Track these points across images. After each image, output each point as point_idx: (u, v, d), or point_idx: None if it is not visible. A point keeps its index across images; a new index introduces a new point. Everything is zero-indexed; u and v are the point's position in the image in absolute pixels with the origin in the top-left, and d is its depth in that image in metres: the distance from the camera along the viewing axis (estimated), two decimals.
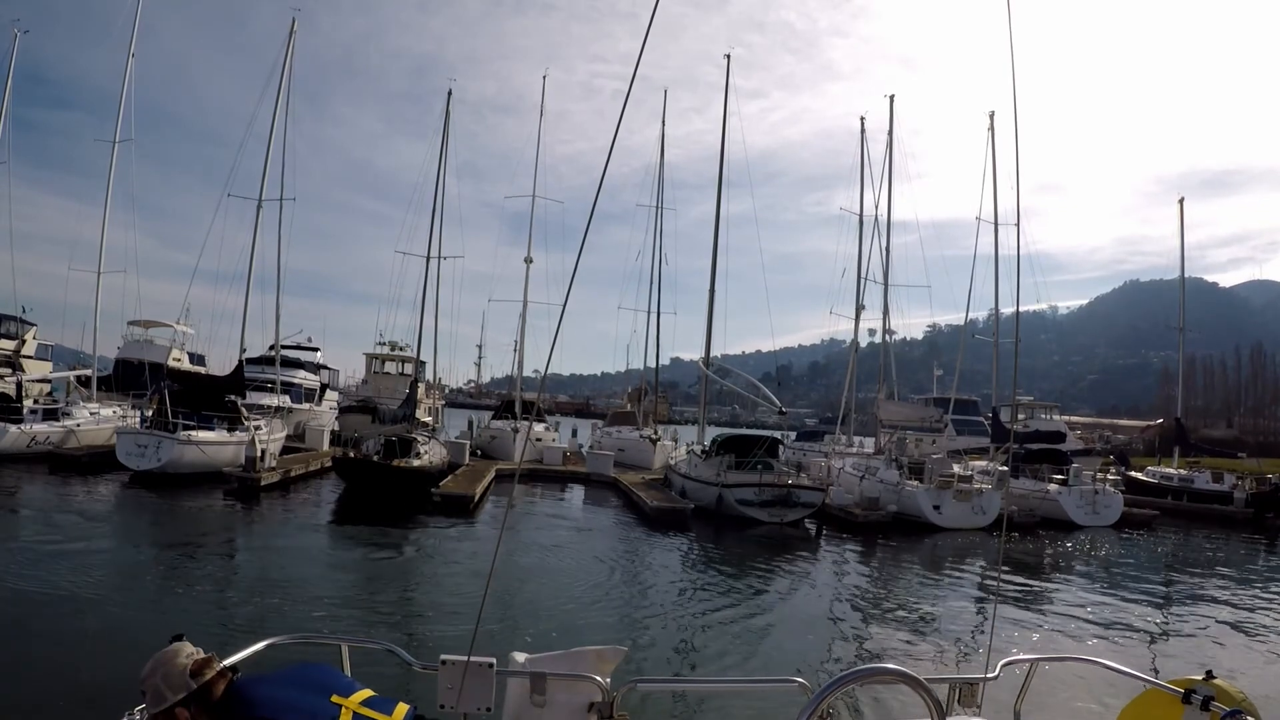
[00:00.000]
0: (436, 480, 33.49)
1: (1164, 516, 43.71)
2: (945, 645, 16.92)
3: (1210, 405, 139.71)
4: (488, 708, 4.11)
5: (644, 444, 52.77)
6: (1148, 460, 61.17)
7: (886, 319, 52.83)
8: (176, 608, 15.68)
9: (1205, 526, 42.74)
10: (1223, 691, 4.20)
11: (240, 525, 26.54)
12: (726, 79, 49.96)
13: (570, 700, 4.22)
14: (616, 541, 27.50)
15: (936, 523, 34.29)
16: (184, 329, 56.16)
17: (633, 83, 3.54)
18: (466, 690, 4.04)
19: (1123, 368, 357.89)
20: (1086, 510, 38.73)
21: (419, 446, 35.53)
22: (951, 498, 34.89)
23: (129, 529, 24.64)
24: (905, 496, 35.41)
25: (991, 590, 22.93)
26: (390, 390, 50.58)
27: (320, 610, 15.96)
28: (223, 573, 19.68)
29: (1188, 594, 24.59)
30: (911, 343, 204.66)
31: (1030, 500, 38.40)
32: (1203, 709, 4.14)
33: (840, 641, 17.01)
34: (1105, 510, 39.24)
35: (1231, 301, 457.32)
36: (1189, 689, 4.28)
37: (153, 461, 32.22)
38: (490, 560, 22.96)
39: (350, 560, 22.54)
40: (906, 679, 2.93)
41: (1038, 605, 21.37)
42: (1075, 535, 35.71)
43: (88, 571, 17.70)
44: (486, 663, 4.13)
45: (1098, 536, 35.74)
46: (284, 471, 34.48)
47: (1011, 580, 24.78)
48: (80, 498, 28.52)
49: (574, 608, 17.62)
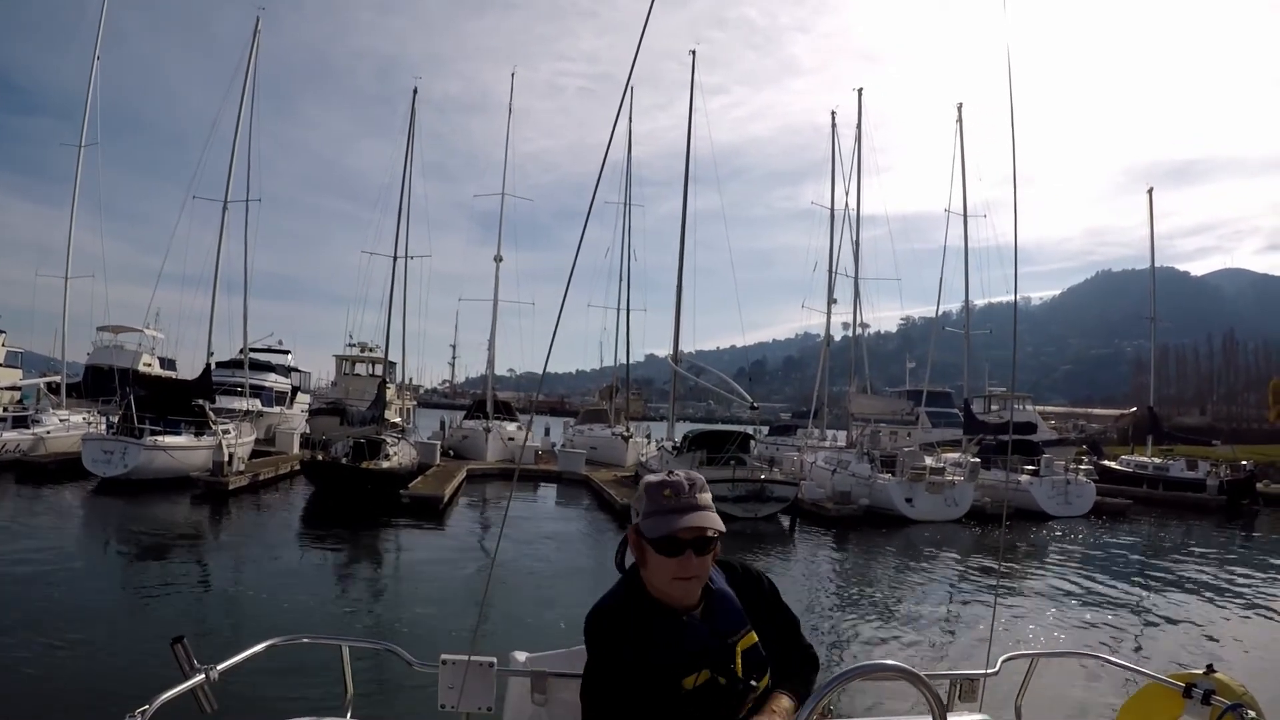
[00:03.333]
0: (406, 482, 33.14)
1: (1138, 505, 43.64)
2: (934, 639, 16.90)
3: (1183, 393, 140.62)
4: (489, 707, 4.02)
5: (616, 441, 52.36)
6: (1122, 449, 61.27)
7: (858, 312, 52.77)
8: (147, 617, 15.48)
9: (1180, 515, 42.76)
10: (1224, 685, 4.15)
11: (207, 531, 26.31)
12: (692, 75, 50.11)
13: (572, 699, 3.82)
14: (589, 541, 27.38)
15: (909, 515, 34.18)
16: (153, 334, 55.58)
17: (630, 85, 3.50)
18: (467, 690, 3.94)
19: (1095, 357, 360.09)
20: (1058, 500, 38.63)
21: (388, 448, 35.20)
22: (924, 490, 34.76)
23: (92, 537, 24.54)
24: (877, 490, 35.22)
25: (989, 585, 22.70)
26: (360, 392, 50.14)
27: (283, 619, 15.66)
28: (188, 580, 19.42)
29: (1162, 584, 24.45)
30: (885, 336, 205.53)
31: (1001, 491, 38.26)
32: (1204, 703, 4.07)
33: (832, 637, 16.90)
34: (1077, 500, 39.17)
35: (1203, 290, 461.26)
36: (1190, 683, 4.21)
37: (119, 468, 31.79)
38: (489, 561, 22.96)
39: (313, 565, 22.34)
40: (907, 675, 2.81)
41: (1011, 599, 21.19)
42: (1047, 526, 35.67)
43: (52, 580, 17.41)
44: (487, 662, 4.03)
45: (1070, 527, 35.70)
46: (252, 475, 34.16)
47: (980, 571, 24.77)
48: (45, 506, 28.36)
49: (539, 610, 17.40)
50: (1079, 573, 25.50)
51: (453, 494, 33.73)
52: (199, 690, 3.28)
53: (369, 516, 28.38)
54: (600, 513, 33.80)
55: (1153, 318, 58.32)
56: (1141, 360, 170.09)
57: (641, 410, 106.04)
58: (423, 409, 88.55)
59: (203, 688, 3.29)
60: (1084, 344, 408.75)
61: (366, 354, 58.32)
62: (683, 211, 48.91)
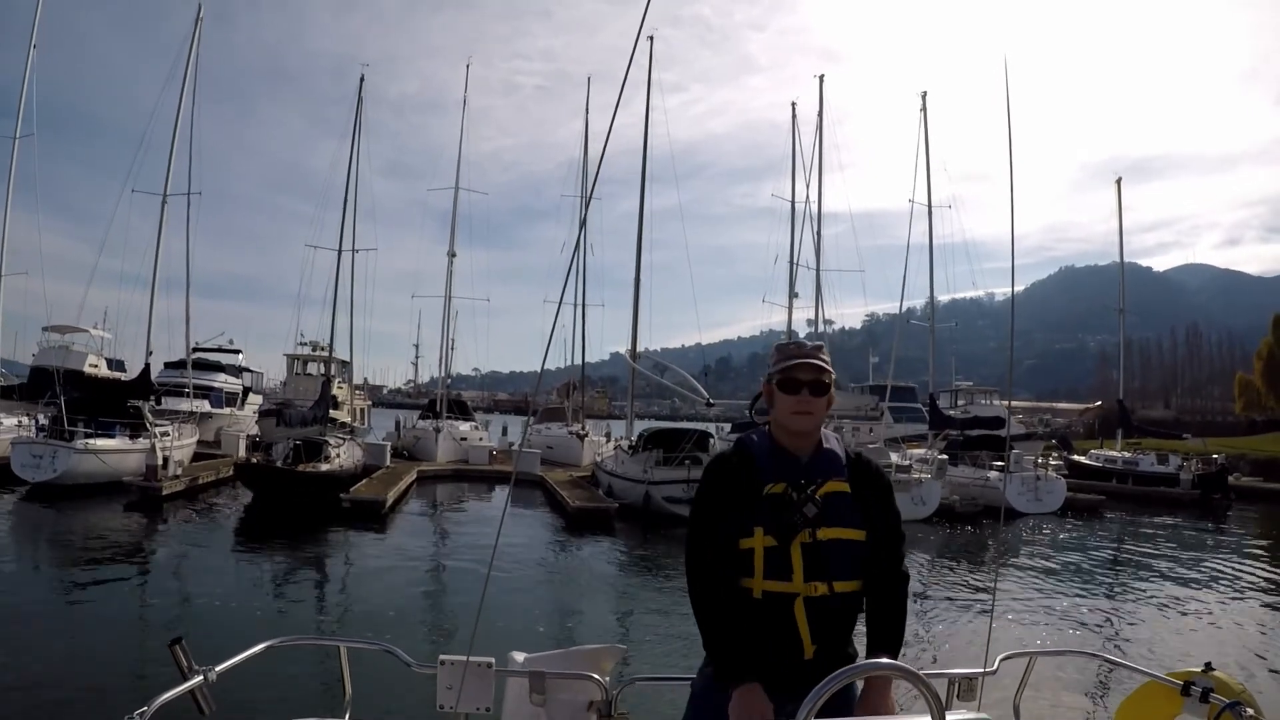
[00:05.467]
0: (348, 485, 31.43)
1: (1109, 500, 42.69)
2: (925, 642, 16.42)
3: (1148, 386, 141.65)
4: (487, 707, 3.96)
5: (572, 440, 51.09)
6: (1090, 443, 60.83)
7: (820, 306, 51.69)
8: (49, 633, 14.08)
9: (1152, 510, 41.72)
10: (1222, 683, 4.04)
11: (130, 539, 24.57)
12: (650, 61, 48.80)
13: (570, 699, 4.13)
14: (535, 548, 26.02)
15: None
16: (101, 334, 54.00)
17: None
18: (466, 690, 3.87)
19: (1060, 352, 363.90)
20: (1029, 497, 37.38)
21: (329, 449, 33.79)
22: None
23: (14, 546, 23.04)
24: None
25: (980, 586, 22.12)
26: (311, 392, 48.80)
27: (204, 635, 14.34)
28: (102, 593, 18.03)
29: (1143, 580, 23.70)
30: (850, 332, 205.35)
31: (970, 489, 37.17)
32: (1202, 700, 3.98)
33: None
34: (1048, 496, 37.96)
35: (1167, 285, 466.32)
36: (1188, 681, 4.12)
37: (48, 473, 30.14)
38: (488, 561, 22.62)
39: (242, 574, 20.92)
40: (905, 674, 2.73)
41: (986, 601, 20.06)
42: (1017, 524, 34.59)
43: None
44: (485, 662, 3.97)
45: (1041, 524, 34.62)
46: (190, 480, 32.59)
47: (957, 573, 23.72)
48: None
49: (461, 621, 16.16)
50: (1055, 571, 24.65)
51: (399, 497, 32.39)
52: (197, 691, 3.26)
53: (305, 523, 26.99)
54: (551, 514, 32.54)
55: (1121, 309, 57.74)
56: (1106, 354, 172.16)
57: (607, 408, 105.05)
58: (384, 409, 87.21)
59: (201, 689, 3.27)
60: (1048, 338, 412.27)
61: (318, 353, 56.75)
62: (640, 199, 47.99)
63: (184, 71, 41.83)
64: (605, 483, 37.55)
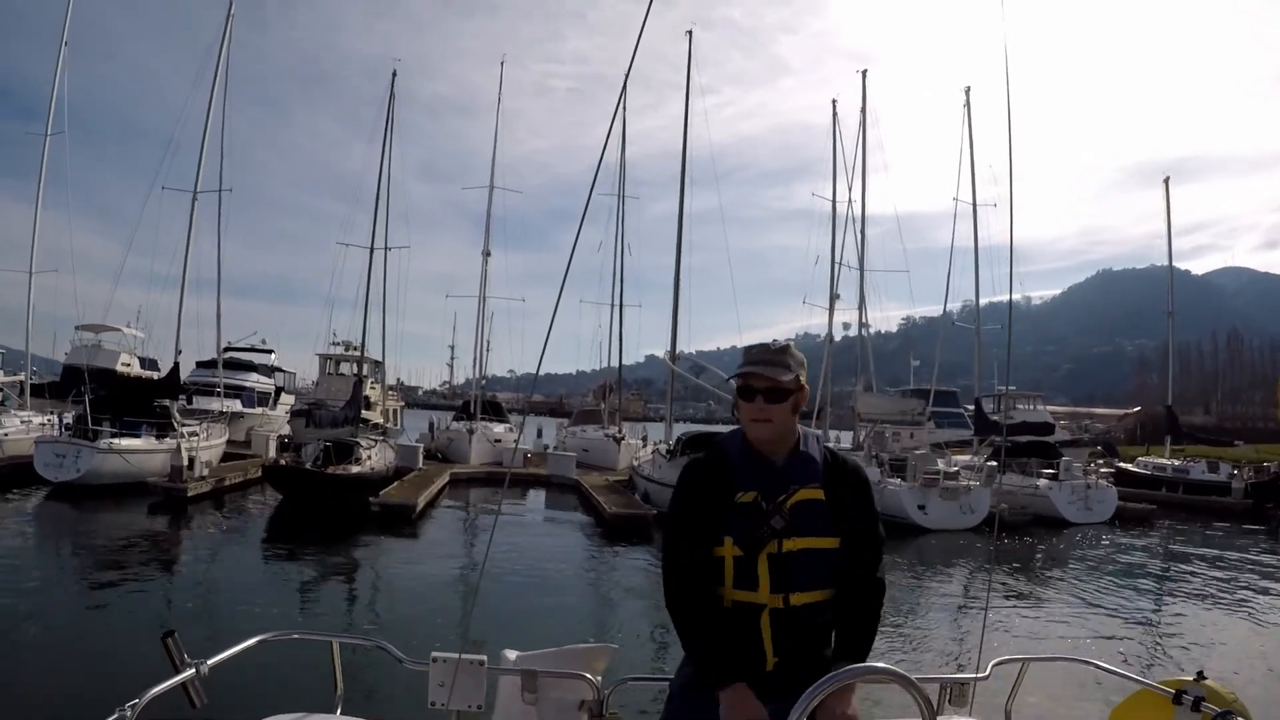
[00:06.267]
0: (378, 487, 30.58)
1: (1160, 510, 41.31)
2: (936, 645, 16.38)
3: (1187, 392, 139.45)
4: (478, 705, 4.04)
5: (609, 443, 50.23)
6: (1135, 450, 59.44)
7: (863, 306, 50.55)
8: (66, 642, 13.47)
9: (1203, 519, 40.36)
10: (1214, 692, 4.03)
11: (144, 542, 23.70)
12: (689, 58, 48.04)
13: (562, 698, 4.15)
14: (571, 553, 25.22)
15: (922, 524, 31.51)
16: (134, 333, 53.77)
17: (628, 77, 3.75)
18: (458, 688, 3.93)
19: (1097, 356, 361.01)
20: (1079, 506, 36.22)
21: (361, 451, 32.98)
22: (937, 496, 32.23)
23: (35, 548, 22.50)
24: (887, 495, 32.05)
25: (982, 590, 22.02)
26: (344, 392, 48.21)
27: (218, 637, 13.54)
28: (119, 597, 17.31)
29: (1207, 599, 22.26)
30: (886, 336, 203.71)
31: (1020, 497, 35.99)
32: (1193, 709, 3.97)
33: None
34: (1099, 506, 36.77)
35: (1205, 288, 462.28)
36: (1180, 690, 4.11)
37: (71, 472, 29.43)
38: (480, 563, 22.38)
39: (265, 580, 20.19)
40: (897, 678, 2.62)
41: (1035, 614, 19.23)
42: (1069, 534, 33.36)
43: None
44: (478, 660, 4.03)
45: (1093, 534, 33.39)
46: (216, 481, 31.86)
47: (1007, 587, 22.51)
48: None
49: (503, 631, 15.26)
50: (1110, 585, 23.43)
51: (430, 500, 31.54)
52: (189, 685, 3.25)
53: (335, 526, 26.25)
54: (587, 518, 31.63)
55: (1170, 312, 56.53)
56: (1145, 359, 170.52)
57: (641, 411, 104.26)
58: (418, 410, 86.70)
59: (193, 682, 3.26)
60: (1085, 343, 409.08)
61: (350, 353, 56.13)
62: (680, 197, 47.04)
63: (215, 68, 41.71)
64: (642, 488, 36.59)
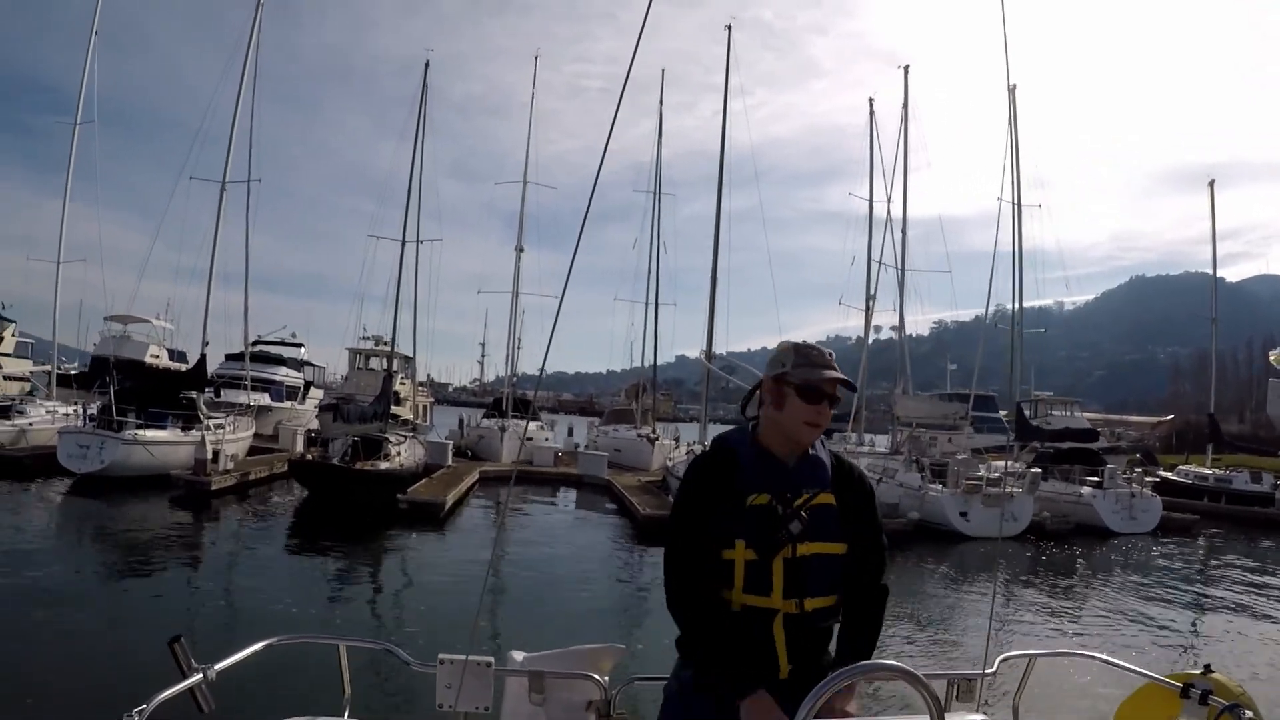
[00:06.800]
0: (406, 485, 29.98)
1: (1202, 520, 40.02)
2: (943, 640, 16.65)
3: (1222, 400, 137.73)
4: (486, 707, 3.85)
5: (641, 443, 49.52)
6: (1172, 458, 58.39)
7: (902, 307, 49.63)
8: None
9: (1247, 531, 39.30)
10: (1221, 685, 3.87)
11: (163, 536, 23.19)
12: (728, 53, 47.24)
13: (569, 699, 4.03)
14: (604, 554, 24.69)
15: (964, 531, 30.49)
16: (163, 324, 53.77)
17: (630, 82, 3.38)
18: (465, 689, 3.75)
19: (1129, 363, 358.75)
20: (1123, 515, 35.13)
21: (390, 447, 32.33)
22: (979, 503, 31.20)
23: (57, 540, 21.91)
24: (929, 502, 31.42)
25: (988, 585, 22.31)
26: (374, 387, 47.73)
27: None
28: (130, 593, 17.05)
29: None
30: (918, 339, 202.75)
31: (1061, 504, 35.03)
32: (1201, 703, 3.80)
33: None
34: (1143, 515, 35.66)
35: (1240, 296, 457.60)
36: (1187, 683, 3.94)
37: (95, 463, 29.03)
38: (487, 563, 21.59)
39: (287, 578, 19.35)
40: (905, 675, 2.55)
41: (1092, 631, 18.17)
42: (1112, 544, 32.36)
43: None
44: (485, 662, 3.85)
45: (1137, 545, 32.31)
46: (240, 475, 31.31)
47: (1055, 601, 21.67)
48: (10, 504, 25.71)
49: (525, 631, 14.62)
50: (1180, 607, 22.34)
51: (459, 499, 30.89)
52: (196, 690, 3.17)
53: (361, 523, 25.64)
54: (620, 520, 30.94)
55: (1214, 318, 55.46)
56: (1179, 366, 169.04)
57: (671, 411, 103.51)
58: (448, 406, 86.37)
59: (200, 687, 3.18)
60: (1117, 349, 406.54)
61: (380, 348, 55.65)
62: (718, 188, 46.31)
63: (244, 58, 41.23)
64: (675, 488, 35.57)
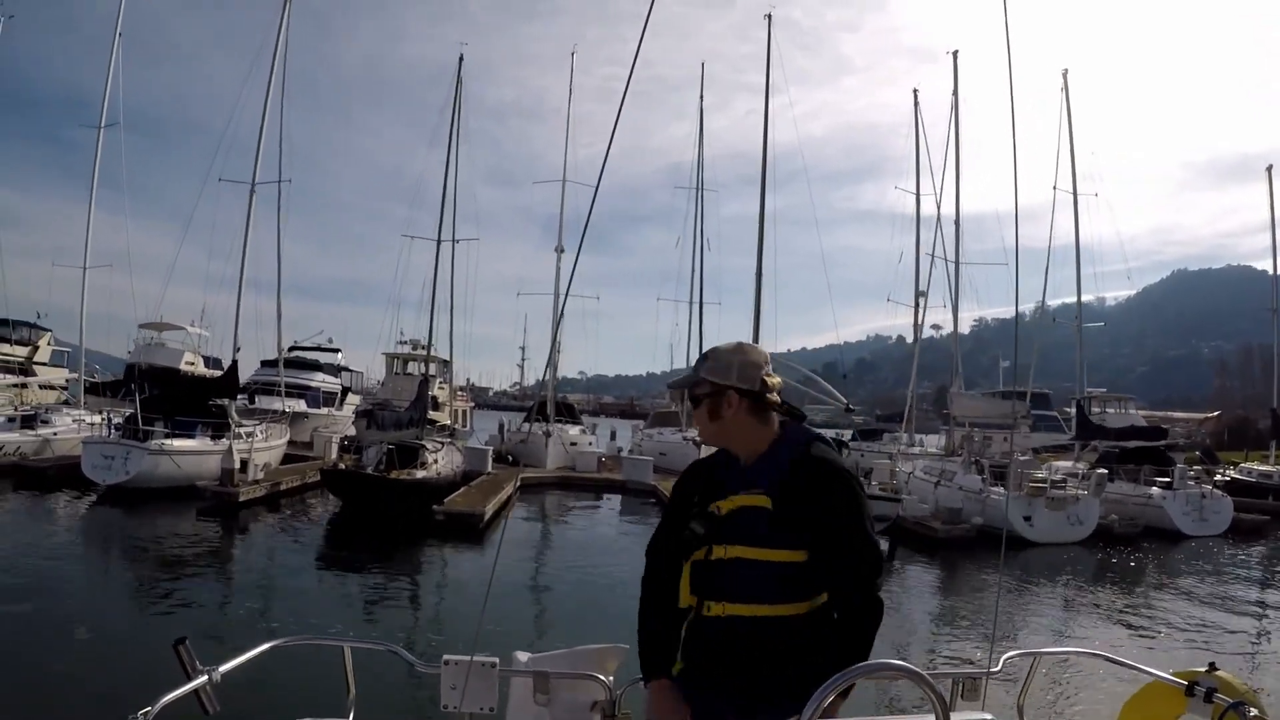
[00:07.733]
0: (443, 494, 28.61)
1: (1274, 521, 38.27)
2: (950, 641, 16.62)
3: (1267, 395, 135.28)
4: (491, 707, 3.86)
5: (688, 447, 47.80)
6: (1234, 455, 56.81)
7: (956, 301, 48.05)
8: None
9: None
10: (1226, 684, 3.85)
11: (187, 549, 22.33)
12: (769, 39, 46.59)
13: (574, 699, 4.03)
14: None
15: (1027, 537, 28.84)
16: (198, 331, 52.48)
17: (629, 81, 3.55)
18: (470, 690, 3.78)
19: (1172, 359, 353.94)
20: (1194, 517, 33.45)
21: (426, 454, 31.07)
22: (1043, 507, 29.54)
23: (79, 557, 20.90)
24: (990, 506, 29.87)
25: (993, 583, 21.91)
26: (411, 393, 46.70)
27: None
28: (147, 604, 16.41)
29: None
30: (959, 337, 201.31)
31: (1128, 506, 33.40)
32: (1206, 701, 3.82)
33: None
34: (1215, 517, 33.96)
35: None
36: (1192, 681, 3.94)
37: (120, 474, 27.82)
38: (492, 564, 21.78)
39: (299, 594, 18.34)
40: (910, 674, 2.60)
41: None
42: (1184, 547, 30.84)
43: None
44: (489, 662, 3.88)
45: (1212, 548, 30.74)
46: (270, 485, 30.10)
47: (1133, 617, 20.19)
48: (32, 518, 25.01)
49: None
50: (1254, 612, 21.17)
51: (499, 508, 29.42)
52: (201, 692, 3.19)
53: (395, 535, 24.50)
54: None
55: (1275, 309, 53.91)
56: (1225, 362, 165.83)
57: None
58: (488, 411, 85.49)
59: (205, 689, 3.20)
60: (1160, 345, 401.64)
61: (417, 352, 54.59)
62: (761, 182, 45.86)
63: (272, 57, 40.81)
64: None
